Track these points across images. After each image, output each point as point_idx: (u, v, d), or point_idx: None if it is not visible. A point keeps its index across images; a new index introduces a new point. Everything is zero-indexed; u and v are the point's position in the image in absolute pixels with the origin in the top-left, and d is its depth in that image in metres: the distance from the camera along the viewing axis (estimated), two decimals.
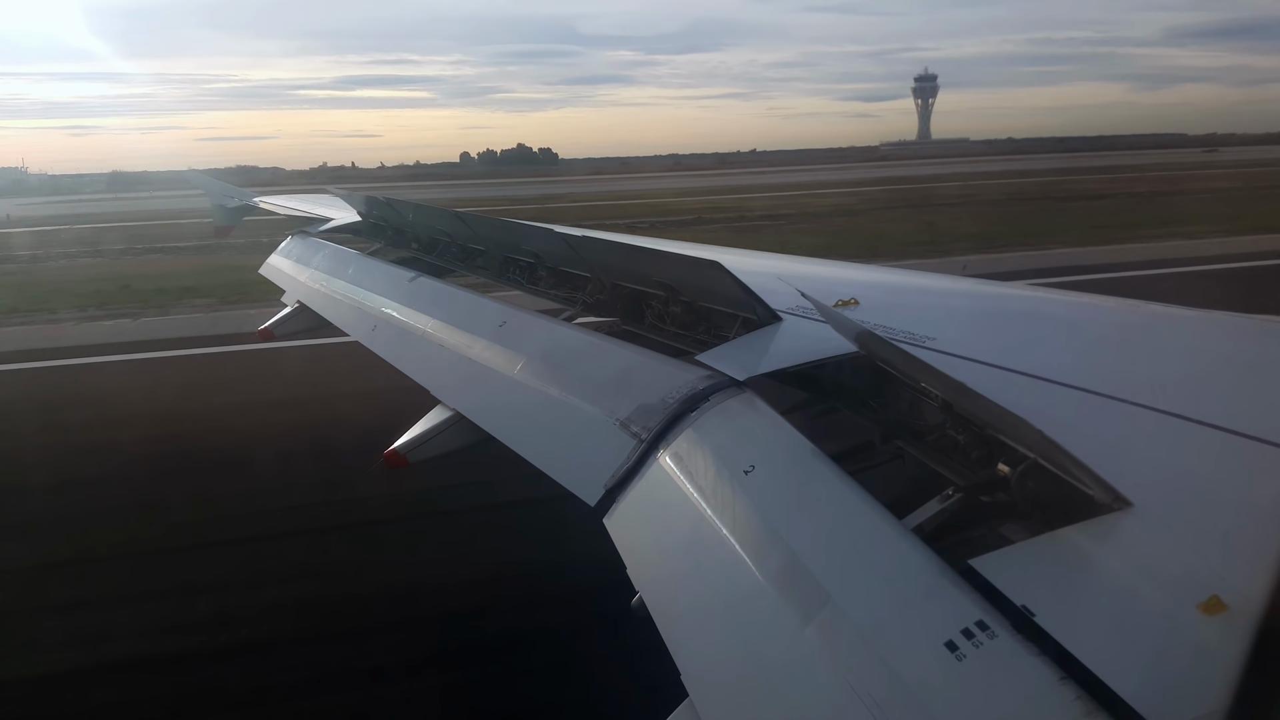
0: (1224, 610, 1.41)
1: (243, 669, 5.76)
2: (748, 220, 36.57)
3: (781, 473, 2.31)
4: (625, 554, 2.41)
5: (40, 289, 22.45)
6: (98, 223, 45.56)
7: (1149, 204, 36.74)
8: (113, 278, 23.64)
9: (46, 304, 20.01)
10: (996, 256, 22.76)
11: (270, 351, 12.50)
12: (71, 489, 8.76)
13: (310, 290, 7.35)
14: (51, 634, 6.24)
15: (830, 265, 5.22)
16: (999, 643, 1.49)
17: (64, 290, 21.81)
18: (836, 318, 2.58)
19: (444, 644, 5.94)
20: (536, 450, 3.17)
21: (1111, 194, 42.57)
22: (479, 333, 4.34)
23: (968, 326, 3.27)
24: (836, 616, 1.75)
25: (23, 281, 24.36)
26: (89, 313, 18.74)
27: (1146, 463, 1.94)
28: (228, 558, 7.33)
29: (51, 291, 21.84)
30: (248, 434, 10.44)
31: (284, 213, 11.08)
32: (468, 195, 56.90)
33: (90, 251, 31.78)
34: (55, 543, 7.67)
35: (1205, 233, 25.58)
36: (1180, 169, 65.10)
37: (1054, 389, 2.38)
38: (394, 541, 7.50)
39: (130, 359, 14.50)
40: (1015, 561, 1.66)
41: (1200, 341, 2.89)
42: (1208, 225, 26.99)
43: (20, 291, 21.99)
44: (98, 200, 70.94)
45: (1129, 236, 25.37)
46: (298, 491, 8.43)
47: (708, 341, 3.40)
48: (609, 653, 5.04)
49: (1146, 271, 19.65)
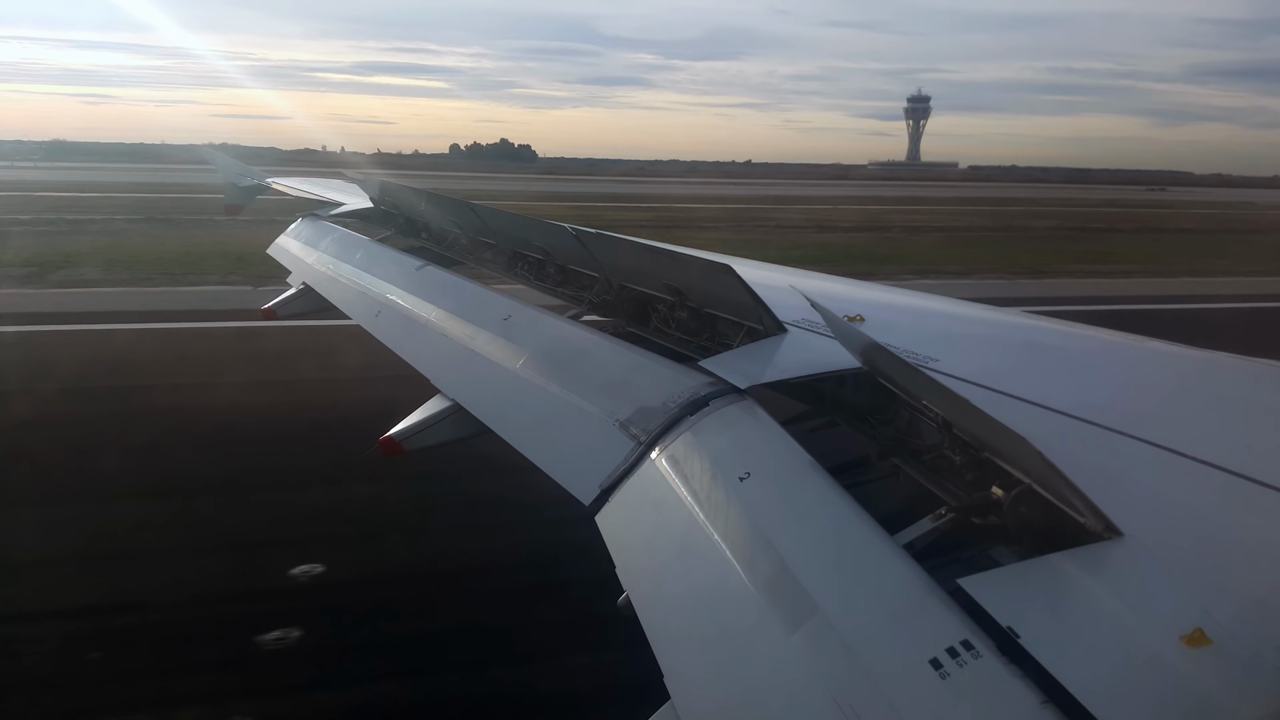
0: (1208, 644, 1.42)
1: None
2: (659, 227, 35.33)
3: (777, 481, 2.32)
4: (615, 552, 2.42)
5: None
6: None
7: (1036, 239, 36.76)
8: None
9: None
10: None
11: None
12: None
13: (316, 273, 7.37)
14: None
15: (838, 281, 5.24)
16: (983, 663, 1.50)
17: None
18: (844, 329, 2.59)
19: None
20: (533, 446, 3.18)
21: (1016, 228, 42.72)
22: (483, 325, 4.35)
23: (972, 350, 3.28)
24: (823, 627, 1.76)
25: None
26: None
27: (1140, 495, 1.95)
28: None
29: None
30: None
31: (296, 194, 11.12)
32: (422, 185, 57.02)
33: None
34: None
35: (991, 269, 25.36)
36: (1116, 206, 66.00)
37: (1053, 417, 2.40)
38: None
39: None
40: (1003, 583, 1.67)
41: (1203, 381, 2.90)
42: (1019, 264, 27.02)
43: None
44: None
45: (948, 268, 25.13)
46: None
47: (711, 349, 3.41)
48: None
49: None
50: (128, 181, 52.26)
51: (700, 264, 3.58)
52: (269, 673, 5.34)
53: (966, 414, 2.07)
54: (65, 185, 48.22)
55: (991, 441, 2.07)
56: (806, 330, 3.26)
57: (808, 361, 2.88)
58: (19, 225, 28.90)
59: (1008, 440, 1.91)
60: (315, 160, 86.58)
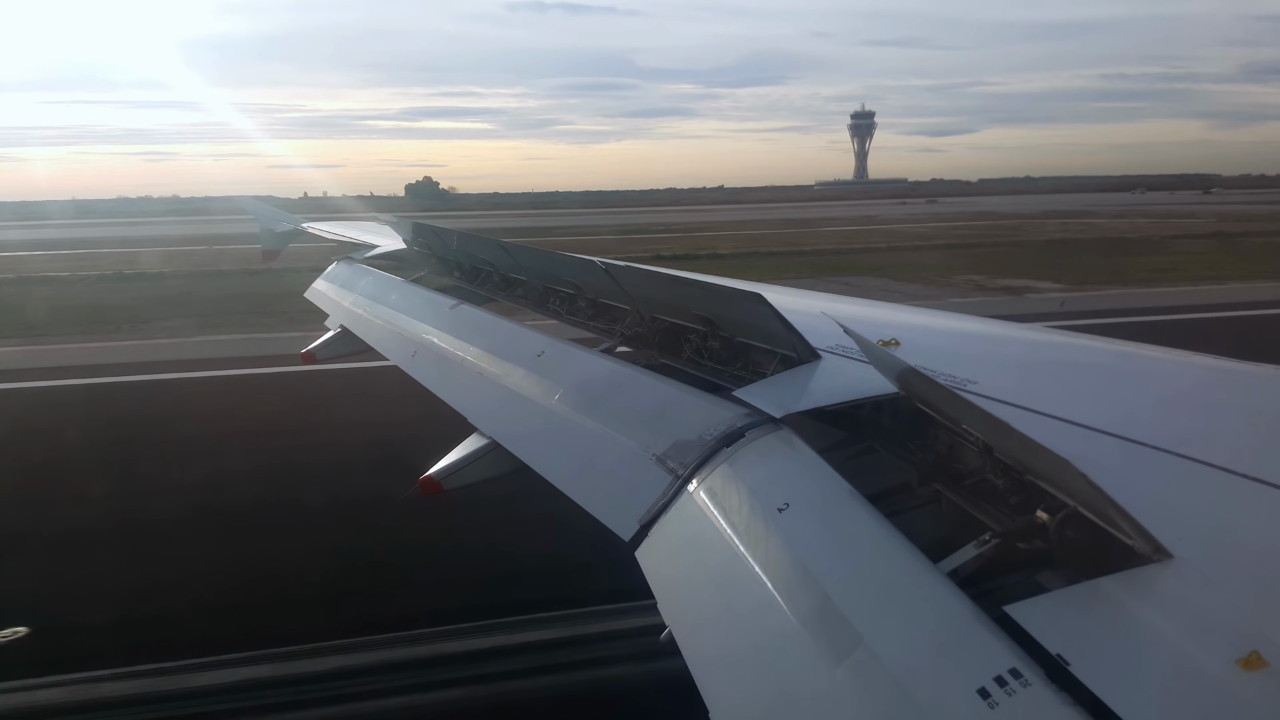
0: (1265, 666, 1.38)
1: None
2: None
3: (816, 512, 2.30)
4: (656, 588, 2.41)
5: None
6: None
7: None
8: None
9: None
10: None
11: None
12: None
13: (353, 315, 7.49)
14: None
15: (872, 305, 5.21)
16: (1033, 691, 1.47)
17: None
18: (879, 354, 2.58)
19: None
20: (571, 482, 3.19)
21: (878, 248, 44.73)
22: (517, 362, 4.39)
23: (1010, 371, 3.24)
24: (868, 659, 1.74)
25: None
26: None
27: (1188, 515, 1.91)
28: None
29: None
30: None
31: (331, 239, 11.34)
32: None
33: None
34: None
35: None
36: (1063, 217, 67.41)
37: (1096, 437, 2.36)
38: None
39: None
40: (1051, 609, 1.64)
41: (1250, 396, 2.84)
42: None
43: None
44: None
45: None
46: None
47: (745, 377, 3.40)
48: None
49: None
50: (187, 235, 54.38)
51: (731, 293, 3.59)
52: None
53: (1007, 437, 2.05)
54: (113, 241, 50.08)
55: (1034, 464, 2.04)
56: (840, 356, 3.24)
57: (843, 388, 2.87)
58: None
59: (1050, 463, 1.88)
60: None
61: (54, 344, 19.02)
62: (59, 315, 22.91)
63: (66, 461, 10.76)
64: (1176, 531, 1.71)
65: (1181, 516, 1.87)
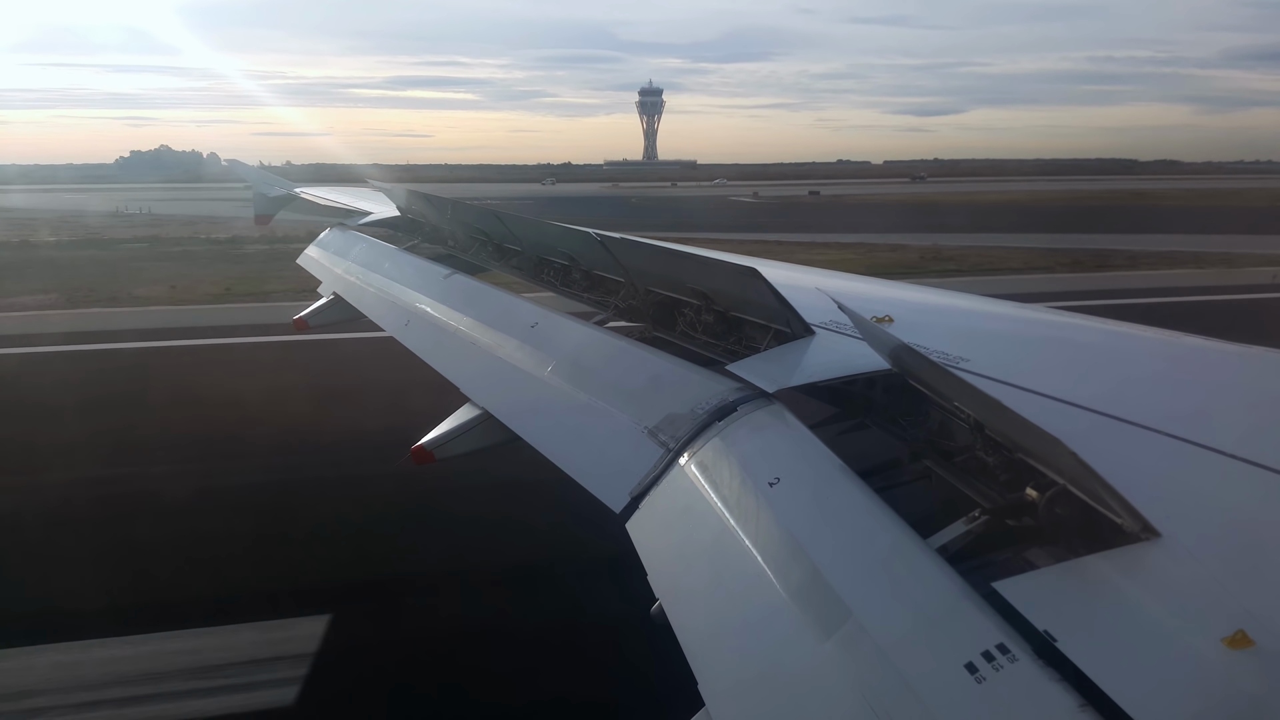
0: (1250, 645, 1.39)
1: None
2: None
3: (807, 487, 2.31)
4: (646, 560, 2.43)
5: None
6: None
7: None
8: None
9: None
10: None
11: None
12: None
13: (346, 282, 7.46)
14: None
15: (866, 281, 5.20)
16: (1019, 666, 1.49)
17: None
18: (872, 331, 2.58)
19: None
20: (563, 454, 3.19)
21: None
22: (511, 333, 4.38)
23: (1003, 348, 3.24)
24: (857, 633, 1.75)
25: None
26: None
27: (1177, 494, 1.92)
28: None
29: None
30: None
31: (324, 204, 11.24)
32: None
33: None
34: None
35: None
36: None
37: (1087, 415, 2.37)
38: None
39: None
40: (1039, 586, 1.66)
41: (1240, 376, 2.85)
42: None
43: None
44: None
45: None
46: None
47: (738, 351, 3.40)
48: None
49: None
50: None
51: (726, 267, 3.57)
52: None
53: (998, 414, 2.05)
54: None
55: (1024, 442, 2.05)
56: (834, 332, 3.24)
57: (836, 364, 2.86)
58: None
59: (1041, 441, 1.89)
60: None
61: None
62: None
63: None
64: (1165, 510, 1.72)
65: (1170, 496, 1.88)
